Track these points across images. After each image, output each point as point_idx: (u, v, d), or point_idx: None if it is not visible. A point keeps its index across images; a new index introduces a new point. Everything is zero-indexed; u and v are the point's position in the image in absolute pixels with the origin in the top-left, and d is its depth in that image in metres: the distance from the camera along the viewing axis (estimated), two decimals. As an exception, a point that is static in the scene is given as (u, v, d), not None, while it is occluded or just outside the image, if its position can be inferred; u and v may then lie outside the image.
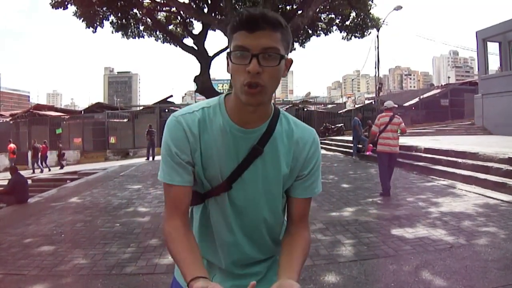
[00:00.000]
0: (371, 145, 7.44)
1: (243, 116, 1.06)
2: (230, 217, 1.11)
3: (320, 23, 16.36)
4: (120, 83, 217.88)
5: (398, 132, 6.84)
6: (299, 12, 13.68)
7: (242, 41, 0.96)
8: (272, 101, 1.19)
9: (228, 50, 1.03)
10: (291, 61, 1.06)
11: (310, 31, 16.43)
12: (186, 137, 1.05)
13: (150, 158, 16.52)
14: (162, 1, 14.73)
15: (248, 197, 1.11)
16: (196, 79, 13.81)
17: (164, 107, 25.20)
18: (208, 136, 1.07)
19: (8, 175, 9.62)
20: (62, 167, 19.47)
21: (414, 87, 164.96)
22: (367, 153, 7.45)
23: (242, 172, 1.08)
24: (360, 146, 12.82)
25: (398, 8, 22.86)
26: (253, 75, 0.95)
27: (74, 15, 13.87)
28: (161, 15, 16.55)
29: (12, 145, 19.38)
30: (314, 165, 1.15)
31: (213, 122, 1.07)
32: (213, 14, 14.94)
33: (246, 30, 0.95)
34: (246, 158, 1.07)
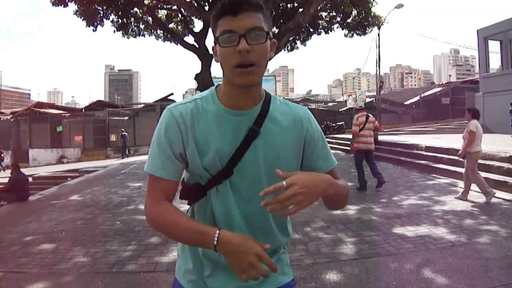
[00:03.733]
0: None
1: (236, 101, 1.08)
2: (233, 207, 1.09)
3: (321, 21, 16.31)
4: (121, 81, 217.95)
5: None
6: (300, 10, 13.63)
7: (229, 25, 0.99)
8: None
9: (214, 38, 1.04)
10: (275, 43, 1.09)
11: (311, 29, 16.38)
12: (178, 128, 1.06)
13: (126, 158, 19.17)
14: (163, -1, 14.70)
15: (250, 182, 1.09)
16: (197, 77, 13.79)
17: (165, 105, 24.14)
18: (203, 124, 1.07)
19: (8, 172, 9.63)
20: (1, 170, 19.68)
21: (415, 85, 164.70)
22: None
23: (242, 155, 1.07)
24: None
25: (399, 6, 22.77)
26: (244, 54, 0.98)
27: (74, 13, 13.85)
28: (161, 13, 16.50)
29: None
30: (319, 136, 1.17)
31: (207, 111, 1.09)
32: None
33: (230, 14, 0.99)
34: (244, 141, 1.07)
